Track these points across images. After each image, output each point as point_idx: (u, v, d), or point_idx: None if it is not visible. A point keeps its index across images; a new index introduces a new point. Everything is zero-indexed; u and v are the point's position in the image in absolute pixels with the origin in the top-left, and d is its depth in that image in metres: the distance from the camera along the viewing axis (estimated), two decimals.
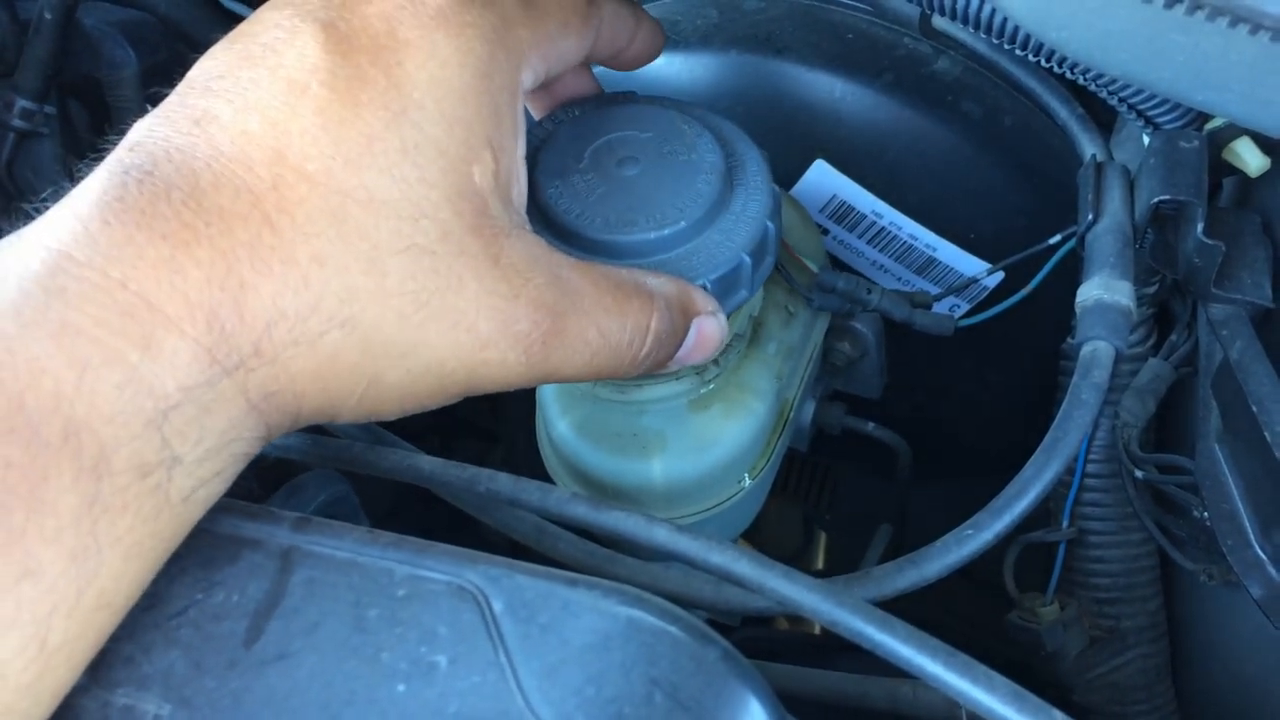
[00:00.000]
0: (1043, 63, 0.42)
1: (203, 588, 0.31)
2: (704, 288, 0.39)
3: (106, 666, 0.30)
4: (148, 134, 0.28)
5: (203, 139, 0.28)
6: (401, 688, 0.28)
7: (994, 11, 0.39)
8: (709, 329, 0.37)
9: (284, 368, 0.27)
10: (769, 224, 0.41)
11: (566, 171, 0.41)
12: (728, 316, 0.41)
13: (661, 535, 0.30)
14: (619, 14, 0.39)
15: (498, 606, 0.28)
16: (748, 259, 0.40)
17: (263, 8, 0.31)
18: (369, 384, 0.29)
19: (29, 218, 0.28)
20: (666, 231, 0.39)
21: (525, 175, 0.33)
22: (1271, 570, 0.38)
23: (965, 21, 0.40)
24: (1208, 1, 0.26)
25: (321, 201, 0.27)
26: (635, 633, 0.26)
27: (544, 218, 0.40)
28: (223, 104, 0.28)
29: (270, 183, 0.27)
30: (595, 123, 0.42)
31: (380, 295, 0.28)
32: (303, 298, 0.27)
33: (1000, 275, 0.50)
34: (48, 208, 0.28)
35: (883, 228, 0.54)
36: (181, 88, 0.30)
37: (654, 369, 0.36)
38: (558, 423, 0.48)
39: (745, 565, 0.28)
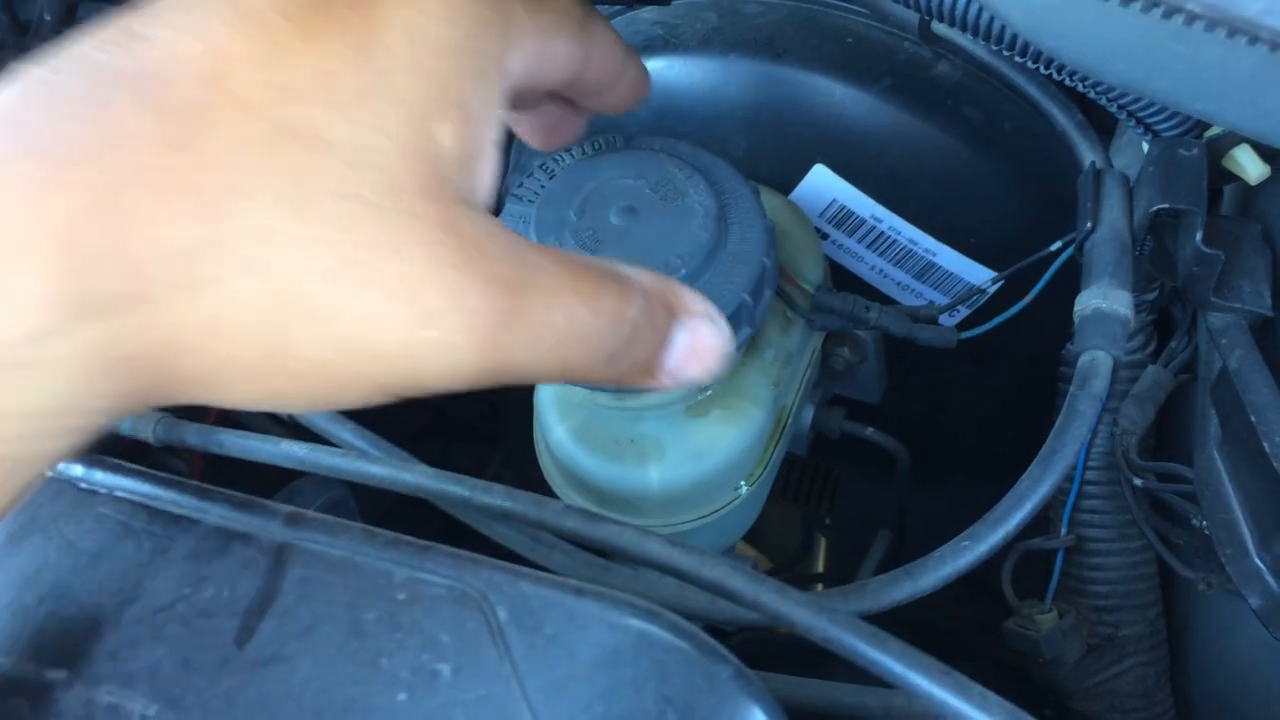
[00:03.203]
0: (1041, 69, 0.42)
1: (190, 582, 0.30)
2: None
3: (88, 660, 0.29)
4: (64, 48, 0.25)
5: (122, 55, 0.24)
6: (402, 696, 0.27)
7: (993, 19, 0.39)
8: (705, 336, 0.32)
9: (161, 316, 0.23)
10: (765, 261, 0.42)
11: (563, 226, 0.41)
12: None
13: (655, 549, 0.30)
14: (610, 41, 0.36)
15: (502, 614, 0.28)
16: (748, 299, 0.41)
17: None
18: (274, 354, 0.24)
19: None
20: None
21: (497, 161, 0.30)
22: (1270, 580, 0.37)
23: (964, 28, 0.40)
24: (1205, 13, 0.26)
25: (251, 129, 0.24)
26: (646, 648, 0.26)
27: None
28: (158, 27, 0.25)
29: (190, 103, 0.23)
30: (586, 172, 0.43)
31: (305, 243, 0.24)
32: (202, 231, 0.23)
33: (1000, 283, 0.49)
34: None
35: (882, 232, 0.54)
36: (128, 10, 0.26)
37: (635, 373, 0.31)
38: (555, 429, 0.48)
39: (739, 580, 0.28)
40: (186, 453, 0.57)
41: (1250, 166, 0.39)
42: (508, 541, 0.37)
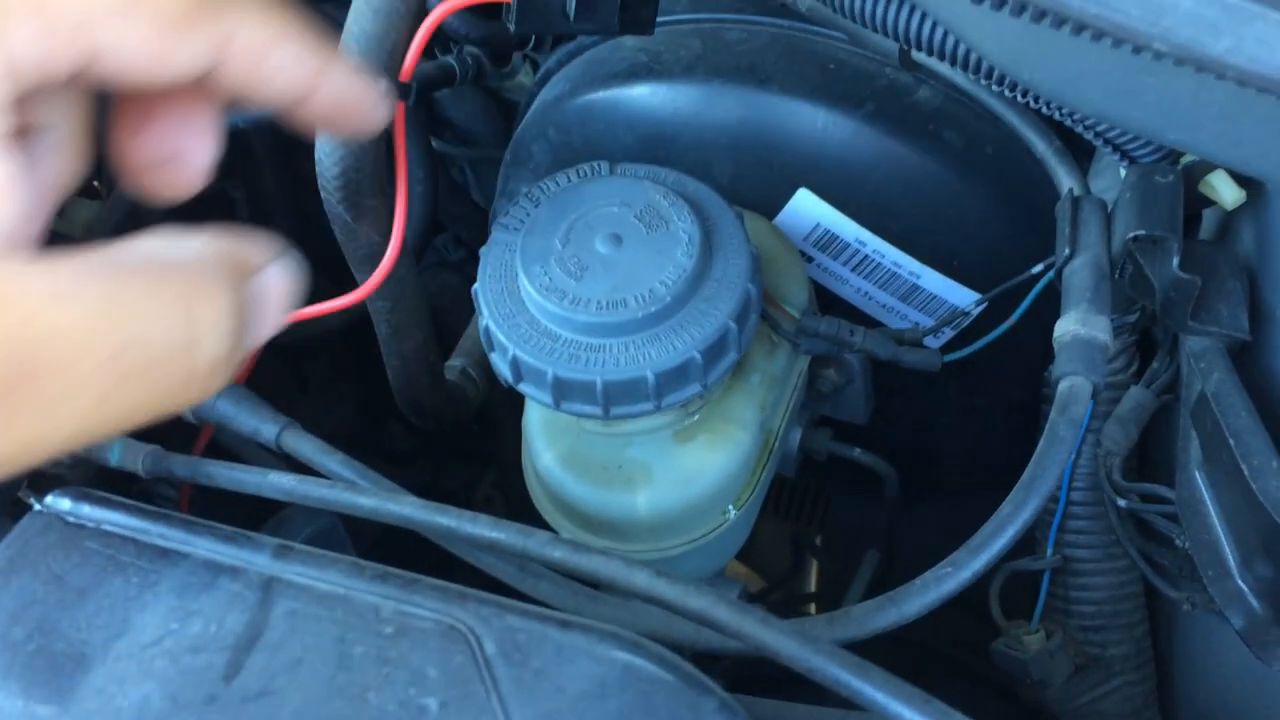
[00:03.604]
0: (1019, 98, 0.42)
1: (178, 616, 0.30)
2: (695, 358, 0.40)
3: (76, 696, 0.29)
4: None
5: None
6: None
7: (969, 50, 0.39)
8: (277, 286, 0.25)
9: None
10: (750, 287, 0.42)
11: (548, 254, 0.42)
12: (715, 380, 0.42)
13: (641, 580, 0.30)
14: (265, 24, 0.25)
15: (489, 648, 0.28)
16: (733, 325, 0.41)
17: None
18: None
19: None
20: (654, 309, 0.41)
21: (34, 188, 0.21)
22: (1252, 601, 0.38)
23: (943, 58, 0.41)
24: (1172, 53, 0.26)
25: None
26: (632, 680, 0.26)
27: (532, 302, 0.42)
28: None
29: None
30: (572, 200, 0.44)
31: None
32: None
33: (984, 305, 0.50)
34: None
35: (866, 255, 0.54)
36: None
37: (233, 366, 0.24)
38: (543, 455, 0.48)
39: (723, 611, 0.28)
40: (178, 481, 0.58)
41: (1226, 192, 0.39)
42: (495, 571, 0.38)
